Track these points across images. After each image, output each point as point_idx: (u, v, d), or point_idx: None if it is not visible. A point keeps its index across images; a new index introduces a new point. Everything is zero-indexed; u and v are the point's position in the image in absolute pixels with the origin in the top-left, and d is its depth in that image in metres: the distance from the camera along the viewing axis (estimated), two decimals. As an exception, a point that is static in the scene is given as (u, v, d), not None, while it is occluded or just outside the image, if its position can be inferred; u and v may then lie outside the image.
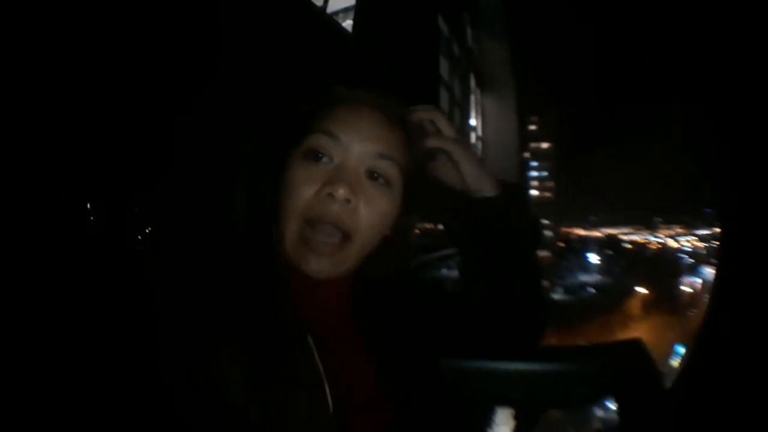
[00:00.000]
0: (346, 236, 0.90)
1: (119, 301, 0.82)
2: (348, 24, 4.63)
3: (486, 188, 1.09)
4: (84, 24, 1.51)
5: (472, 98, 12.94)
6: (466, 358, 1.15)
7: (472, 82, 13.02)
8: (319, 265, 0.89)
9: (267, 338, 0.84)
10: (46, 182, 1.46)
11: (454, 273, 1.18)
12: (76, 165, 1.60)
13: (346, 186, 0.87)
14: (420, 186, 1.01)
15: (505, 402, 1.18)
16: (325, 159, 0.89)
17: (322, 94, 0.96)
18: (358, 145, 0.90)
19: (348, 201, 0.87)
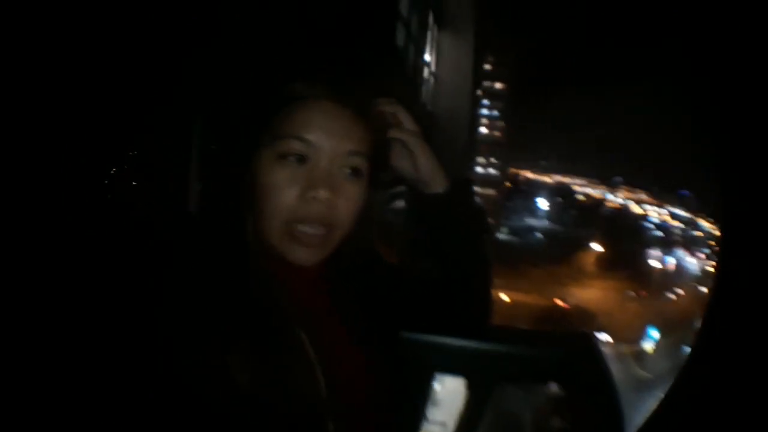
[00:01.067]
0: (329, 228, 0.94)
1: (108, 298, 0.85)
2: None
3: (436, 182, 1.15)
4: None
5: (429, 34, 12.96)
6: (420, 333, 1.22)
7: (431, 19, 13.02)
8: (307, 254, 0.94)
9: (259, 331, 0.88)
10: (42, 183, 1.50)
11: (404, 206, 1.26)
12: (64, 164, 1.62)
13: (327, 187, 0.91)
14: (383, 165, 1.08)
15: (456, 374, 1.27)
16: (299, 161, 0.92)
17: (283, 88, 0.97)
18: (330, 146, 0.93)
19: (329, 200, 0.92)
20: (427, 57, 12.84)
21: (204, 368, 0.81)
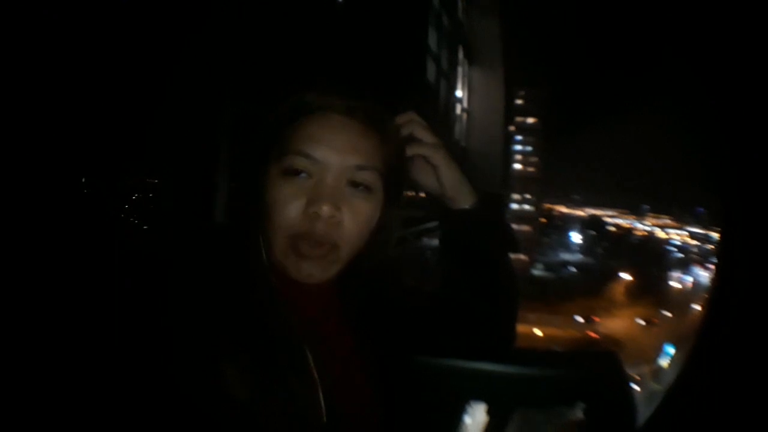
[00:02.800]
0: (334, 246, 0.91)
1: (108, 303, 0.83)
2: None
3: (462, 197, 1.13)
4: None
5: (459, 70, 12.79)
6: (440, 356, 1.16)
7: (461, 54, 12.87)
8: (310, 271, 0.91)
9: (263, 346, 0.86)
10: (42, 185, 1.47)
11: (434, 243, 1.24)
12: (65, 164, 1.60)
13: (330, 203, 0.88)
14: (401, 181, 1.03)
15: (477, 399, 1.22)
16: (304, 175, 0.90)
17: (293, 101, 0.94)
18: (335, 160, 0.90)
19: (332, 216, 0.89)
20: (458, 93, 12.65)
21: (203, 378, 0.79)
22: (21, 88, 1.37)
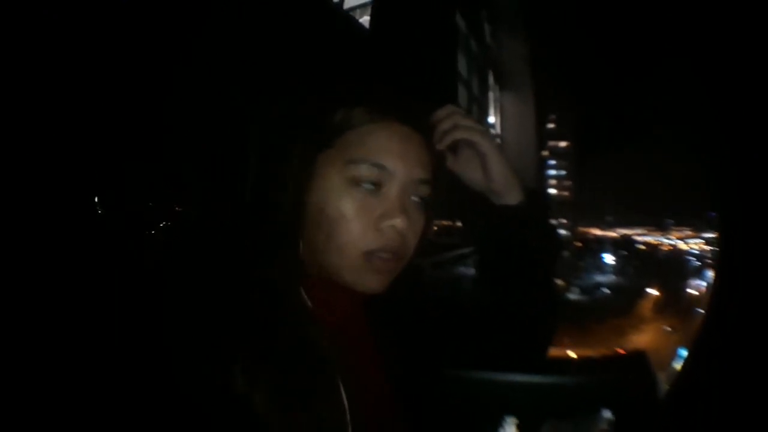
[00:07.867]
0: (399, 257, 0.92)
1: (129, 302, 0.83)
2: (365, 20, 4.60)
3: (510, 192, 1.06)
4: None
5: (491, 95, 12.80)
6: (471, 368, 1.16)
7: (491, 79, 12.90)
8: (377, 284, 0.91)
9: (291, 355, 0.84)
10: (55, 180, 1.47)
11: (470, 271, 1.19)
12: (84, 160, 1.61)
13: (404, 216, 0.89)
14: (438, 188, 1.01)
15: (508, 411, 1.20)
16: (373, 188, 0.89)
17: (351, 107, 0.92)
18: (405, 173, 0.90)
19: (405, 229, 0.90)
20: (491, 119, 12.65)
21: (225, 394, 0.77)
22: (30, 98, 1.41)
